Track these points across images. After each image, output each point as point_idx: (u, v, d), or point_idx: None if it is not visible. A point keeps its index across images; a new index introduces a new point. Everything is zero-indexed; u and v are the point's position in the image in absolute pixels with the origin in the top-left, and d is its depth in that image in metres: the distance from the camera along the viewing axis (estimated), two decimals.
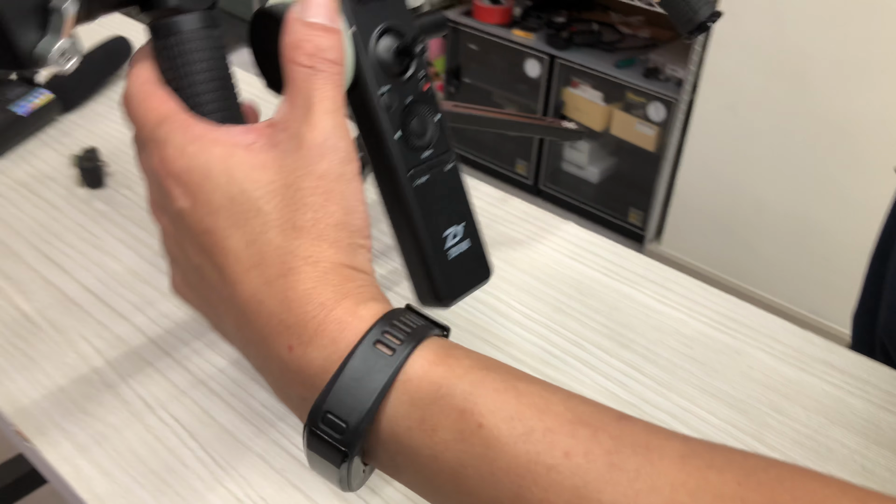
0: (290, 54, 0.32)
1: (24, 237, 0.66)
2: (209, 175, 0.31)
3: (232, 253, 0.30)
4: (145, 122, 0.32)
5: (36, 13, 0.31)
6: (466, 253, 0.40)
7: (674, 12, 0.60)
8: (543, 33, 2.33)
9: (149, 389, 0.53)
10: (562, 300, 0.62)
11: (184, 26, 0.33)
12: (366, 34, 0.35)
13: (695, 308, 0.62)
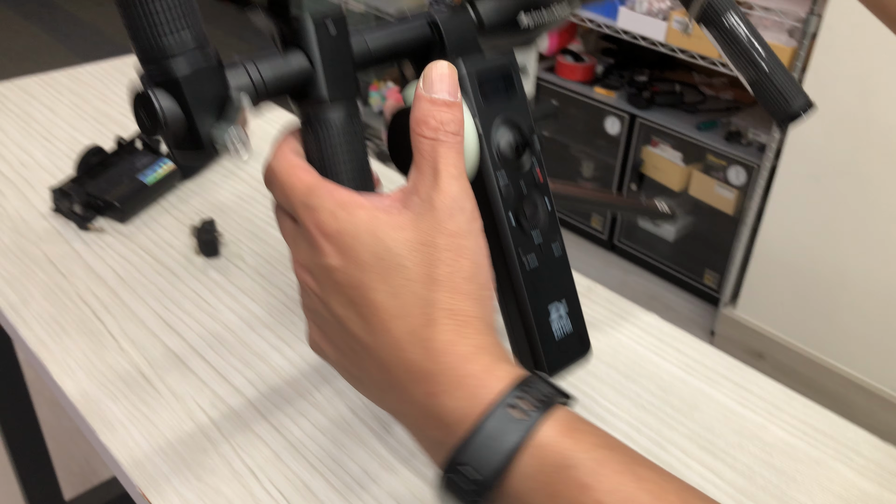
0: (416, 128, 0.37)
1: (146, 302, 0.72)
2: (358, 236, 0.35)
3: (378, 305, 0.34)
4: (294, 191, 0.37)
5: (215, 102, 0.36)
6: (567, 329, 0.44)
7: (765, 101, 0.62)
8: (625, 92, 2.36)
9: (252, 456, 0.57)
10: (644, 396, 0.64)
11: (331, 116, 0.39)
12: (488, 128, 0.39)
13: (775, 413, 0.63)
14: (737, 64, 0.62)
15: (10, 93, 1.09)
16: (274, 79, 0.38)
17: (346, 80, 0.40)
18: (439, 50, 0.45)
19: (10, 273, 0.75)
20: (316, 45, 0.39)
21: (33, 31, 4.17)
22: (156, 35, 0.34)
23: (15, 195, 0.87)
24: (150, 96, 0.34)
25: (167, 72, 0.34)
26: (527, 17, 0.50)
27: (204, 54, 0.35)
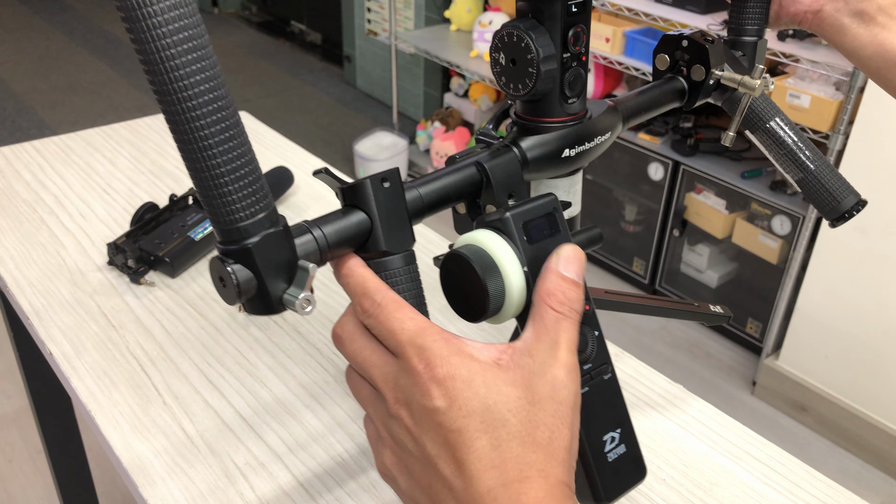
0: (544, 298, 0.40)
1: (190, 357, 0.76)
2: (471, 384, 0.37)
3: (476, 453, 0.36)
4: (403, 329, 0.38)
5: (285, 267, 0.40)
6: (624, 456, 0.45)
7: (815, 201, 0.64)
8: (669, 138, 2.37)
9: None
10: (665, 469, 0.65)
11: (391, 266, 0.43)
12: (536, 271, 0.42)
13: (796, 492, 0.63)
14: (784, 166, 0.64)
15: (75, 144, 1.16)
16: (337, 238, 0.42)
17: (403, 232, 0.44)
18: (487, 190, 0.49)
19: (65, 324, 0.80)
20: (374, 205, 0.42)
21: (99, 66, 4.36)
22: (234, 216, 0.38)
23: (74, 247, 0.92)
24: (230, 273, 0.38)
25: (243, 247, 0.38)
26: (570, 150, 0.53)
27: (273, 224, 0.39)
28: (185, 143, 0.36)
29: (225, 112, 0.36)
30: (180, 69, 0.34)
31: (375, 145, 3.17)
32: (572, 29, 0.51)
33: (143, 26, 0.33)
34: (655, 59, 0.63)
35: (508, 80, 0.52)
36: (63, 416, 1.30)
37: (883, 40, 0.58)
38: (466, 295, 0.42)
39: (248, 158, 0.37)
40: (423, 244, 0.96)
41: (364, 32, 3.64)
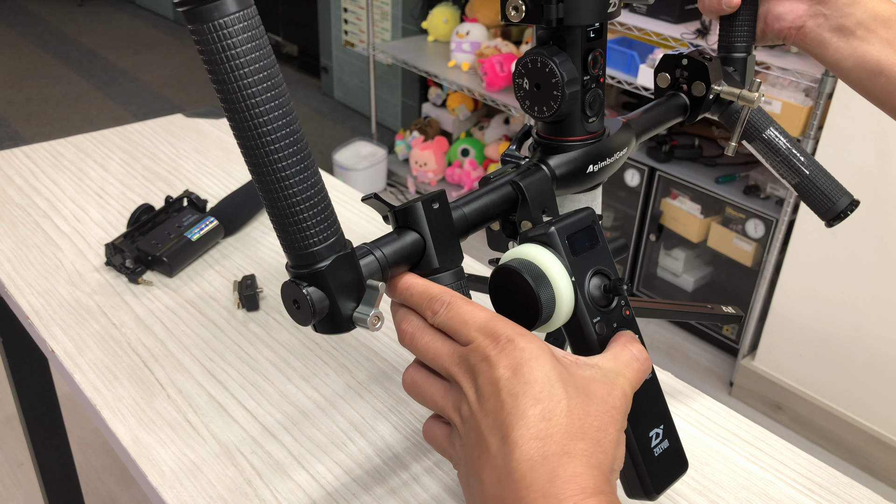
0: (627, 343, 0.44)
1: (192, 353, 0.78)
2: (537, 359, 0.39)
3: (526, 419, 0.37)
4: (475, 318, 0.41)
5: (353, 286, 0.42)
6: (668, 450, 0.48)
7: (811, 202, 0.68)
8: (644, 145, 2.42)
9: (290, 501, 0.62)
10: None
11: (444, 281, 0.46)
12: (581, 280, 0.45)
13: (782, 470, 0.66)
14: (780, 171, 0.67)
15: (65, 150, 1.17)
16: (395, 258, 0.45)
17: (453, 250, 0.47)
18: (523, 206, 0.52)
19: (66, 322, 0.81)
20: (426, 226, 0.45)
21: (73, 78, 4.33)
22: (308, 243, 0.40)
23: (71, 249, 0.93)
24: (305, 295, 0.41)
25: (316, 270, 0.41)
26: (593, 166, 0.56)
27: (343, 247, 0.42)
28: (263, 176, 0.38)
29: (299, 144, 0.38)
30: (259, 106, 0.37)
31: (354, 155, 3.19)
32: (591, 53, 0.54)
33: (226, 68, 0.36)
34: (657, 78, 0.66)
35: (533, 104, 0.55)
36: (52, 423, 1.30)
37: (863, 52, 0.61)
38: (518, 305, 0.45)
39: (319, 187, 0.40)
40: None
41: (341, 43, 3.67)
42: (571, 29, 0.53)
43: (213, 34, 0.35)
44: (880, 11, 0.61)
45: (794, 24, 0.63)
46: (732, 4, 0.62)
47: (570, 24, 0.53)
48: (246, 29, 0.35)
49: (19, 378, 1.19)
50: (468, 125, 3.18)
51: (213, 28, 0.35)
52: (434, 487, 0.64)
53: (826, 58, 0.64)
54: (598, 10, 0.52)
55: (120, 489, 1.89)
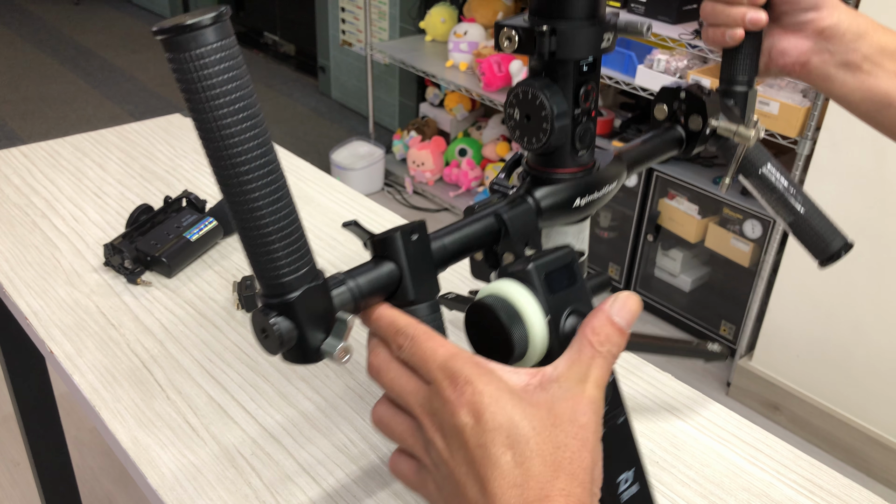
0: (588, 333, 0.42)
1: (191, 353, 0.77)
2: (497, 402, 0.38)
3: (500, 469, 0.37)
4: (435, 356, 0.40)
5: (323, 317, 0.42)
6: (636, 496, 0.47)
7: (805, 242, 0.67)
8: None
9: (290, 502, 0.62)
10: (658, 453, 0.68)
11: (419, 314, 0.46)
12: (557, 318, 0.44)
13: (783, 472, 0.66)
14: (775, 209, 0.67)
15: (63, 150, 1.16)
16: (369, 288, 0.44)
17: (430, 282, 0.47)
18: (505, 239, 0.52)
19: (64, 324, 0.81)
20: (404, 257, 0.45)
21: (70, 77, 4.32)
22: (279, 273, 0.40)
23: (69, 249, 0.93)
24: (273, 325, 0.40)
25: (286, 301, 0.40)
26: (581, 199, 0.56)
27: (314, 278, 0.41)
28: (236, 205, 0.38)
29: (274, 175, 0.38)
30: (234, 137, 0.36)
31: (352, 154, 3.18)
32: (583, 87, 0.54)
33: (202, 98, 0.35)
34: (654, 109, 0.66)
35: (523, 134, 0.55)
36: (49, 423, 1.30)
37: (871, 86, 0.61)
38: (492, 342, 0.44)
39: (292, 218, 0.40)
40: None
41: (338, 43, 3.67)
42: (564, 62, 0.53)
43: (190, 64, 0.35)
44: (886, 44, 0.61)
45: (799, 60, 0.63)
46: (736, 38, 0.62)
47: (563, 58, 0.52)
48: (224, 59, 0.35)
49: (16, 378, 1.19)
50: (466, 125, 3.18)
51: (190, 58, 0.35)
52: None
53: (832, 91, 0.63)
54: (591, 45, 0.52)
55: (117, 489, 1.88)
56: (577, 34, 0.51)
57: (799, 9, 0.61)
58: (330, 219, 1.03)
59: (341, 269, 0.88)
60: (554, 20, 0.51)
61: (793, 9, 0.61)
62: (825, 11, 0.61)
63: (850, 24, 0.61)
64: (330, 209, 1.05)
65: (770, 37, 0.63)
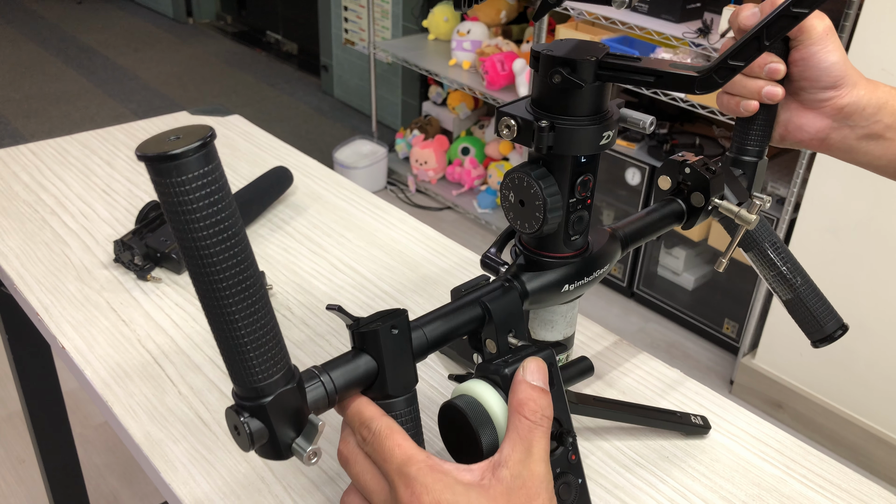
0: (518, 409, 0.43)
1: (202, 349, 0.78)
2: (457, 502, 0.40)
3: None
4: (392, 458, 0.42)
5: (295, 415, 0.43)
6: None
7: (800, 321, 0.68)
8: (645, 144, 2.42)
9: (304, 497, 0.62)
10: (668, 448, 0.68)
11: (395, 408, 0.47)
12: None
13: (793, 466, 0.67)
14: (773, 286, 0.67)
15: (72, 147, 1.17)
16: (345, 383, 0.45)
17: (408, 375, 0.47)
18: (489, 326, 0.52)
19: (76, 319, 0.81)
20: (383, 352, 0.46)
21: (73, 76, 4.33)
22: (253, 378, 0.41)
23: (79, 245, 0.93)
24: (243, 423, 0.42)
25: (259, 404, 0.41)
26: (569, 285, 0.56)
27: (288, 381, 0.42)
28: (213, 316, 0.39)
29: (251, 290, 0.39)
30: (213, 256, 0.37)
31: (355, 153, 3.19)
32: (581, 177, 0.54)
33: (183, 220, 0.36)
34: (659, 179, 0.66)
35: (517, 217, 0.55)
36: (56, 419, 1.30)
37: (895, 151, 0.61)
38: (461, 442, 0.45)
39: (269, 328, 0.41)
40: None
41: (341, 42, 3.67)
42: (562, 157, 0.53)
43: (172, 189, 0.35)
44: None
45: (817, 136, 0.62)
46: (750, 109, 0.61)
47: (560, 154, 0.52)
48: (205, 186, 0.36)
49: (24, 374, 1.19)
50: (468, 124, 3.18)
51: (172, 185, 0.35)
52: None
53: (856, 160, 0.63)
54: (590, 144, 0.52)
55: (122, 486, 1.89)
56: (577, 132, 0.51)
57: (818, 87, 0.60)
58: (338, 216, 1.03)
59: (351, 266, 0.88)
60: (554, 115, 0.51)
61: (812, 86, 0.60)
62: (844, 90, 0.60)
63: (870, 98, 0.60)
64: (338, 206, 1.06)
65: (788, 111, 0.63)
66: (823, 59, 0.59)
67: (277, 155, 1.18)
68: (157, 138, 0.36)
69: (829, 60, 0.59)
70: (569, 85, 0.50)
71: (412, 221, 1.03)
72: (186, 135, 0.36)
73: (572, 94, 0.51)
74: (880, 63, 1.71)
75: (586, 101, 0.51)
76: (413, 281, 0.90)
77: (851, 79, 0.60)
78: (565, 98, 0.51)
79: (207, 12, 5.38)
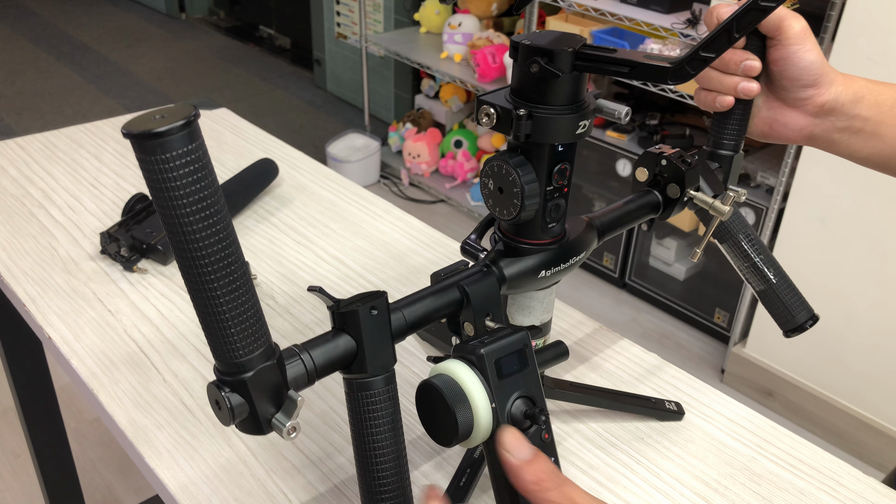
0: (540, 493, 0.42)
1: (186, 338, 0.79)
2: None
3: None
4: None
5: (275, 392, 0.44)
6: None
7: (772, 311, 0.69)
8: (636, 135, 2.43)
9: (285, 480, 0.63)
10: (643, 430, 0.69)
11: (373, 387, 0.48)
12: (503, 403, 0.46)
13: (765, 447, 0.68)
14: (747, 277, 0.68)
15: (59, 141, 1.18)
16: (325, 362, 0.46)
17: (386, 355, 0.48)
18: (467, 309, 0.53)
19: (62, 310, 0.82)
20: (362, 333, 0.47)
21: (66, 72, 4.32)
22: (234, 354, 0.42)
23: (65, 238, 0.94)
24: (224, 398, 0.43)
25: (239, 379, 0.42)
26: (546, 271, 0.57)
27: (268, 357, 0.43)
28: (196, 291, 0.40)
29: (233, 267, 0.40)
30: (196, 233, 0.38)
31: (348, 147, 3.19)
32: (557, 166, 0.55)
33: (167, 196, 0.37)
34: (636, 171, 0.67)
35: (496, 204, 0.56)
36: (49, 414, 1.31)
37: (875, 143, 0.63)
38: (438, 421, 0.47)
39: (250, 304, 0.42)
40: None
41: (333, 36, 3.67)
42: (540, 145, 0.54)
43: (157, 167, 0.36)
44: (884, 101, 0.62)
45: (801, 132, 0.64)
46: (726, 104, 0.63)
47: (538, 142, 0.53)
48: (190, 163, 0.37)
49: (16, 369, 1.20)
50: (461, 116, 3.19)
51: (157, 161, 0.36)
52: (422, 473, 0.65)
53: (839, 152, 0.65)
54: (566, 132, 0.53)
55: (116, 479, 1.90)
56: (554, 121, 0.52)
57: (798, 86, 0.61)
58: (323, 207, 1.04)
59: (336, 256, 0.90)
60: (532, 104, 0.52)
61: (793, 85, 0.62)
62: (823, 88, 0.61)
63: (847, 93, 0.62)
64: (323, 197, 1.07)
65: (771, 109, 0.64)
66: (802, 59, 0.60)
67: (264, 147, 1.19)
68: (143, 117, 0.37)
69: (807, 59, 0.61)
70: (546, 74, 0.51)
71: (397, 212, 1.04)
72: (171, 114, 0.37)
73: (550, 83, 0.52)
74: (865, 53, 1.72)
75: (563, 90, 0.52)
76: (398, 271, 0.91)
77: (829, 76, 0.62)
78: (543, 87, 0.52)
79: (200, 7, 5.38)
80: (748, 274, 0.69)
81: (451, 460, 0.66)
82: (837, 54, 1.76)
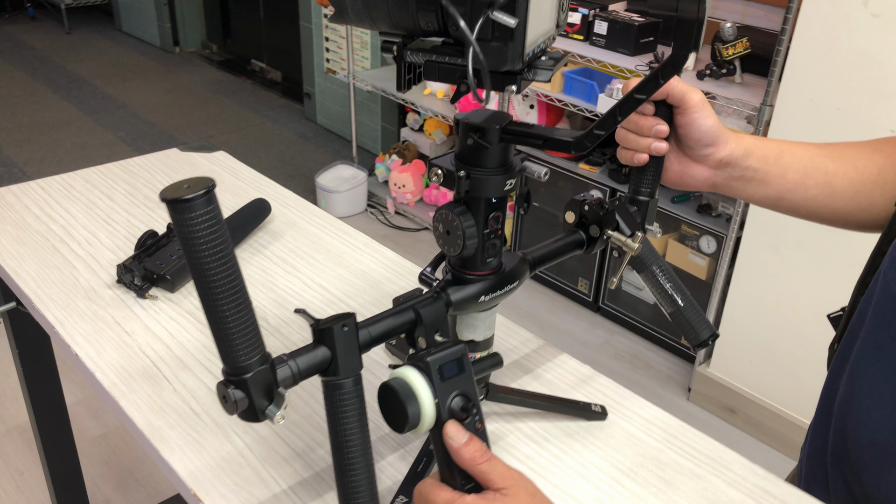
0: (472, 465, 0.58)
1: (193, 355, 0.93)
2: None
3: None
4: None
5: (268, 392, 0.58)
6: None
7: (681, 329, 0.84)
8: (606, 168, 2.60)
9: (277, 471, 0.77)
10: (572, 427, 0.84)
11: (344, 387, 0.61)
12: (445, 399, 0.60)
13: (672, 441, 0.82)
14: (660, 301, 0.82)
15: (75, 182, 1.32)
16: (306, 367, 0.60)
17: (355, 362, 0.62)
18: (420, 327, 0.67)
19: (85, 331, 0.96)
20: (336, 345, 0.61)
21: (64, 105, 4.47)
22: (238, 359, 0.56)
23: (85, 269, 1.08)
24: (230, 394, 0.57)
25: (241, 379, 0.57)
26: (486, 296, 0.72)
27: (264, 362, 0.57)
28: (210, 311, 0.54)
29: (238, 293, 0.54)
30: (212, 269, 0.52)
31: (336, 178, 3.35)
32: (492, 214, 0.70)
33: (192, 244, 0.51)
34: (565, 214, 0.82)
35: (444, 243, 0.71)
36: (61, 430, 1.44)
37: (765, 189, 0.78)
38: (394, 412, 0.60)
39: (250, 322, 0.56)
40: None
41: (323, 71, 3.84)
42: (477, 199, 0.68)
43: (186, 222, 0.50)
44: (767, 154, 0.77)
45: (706, 182, 0.79)
46: (641, 160, 0.76)
47: (476, 196, 0.68)
48: (207, 220, 0.51)
49: (33, 388, 1.33)
50: (444, 148, 3.36)
51: (186, 219, 0.50)
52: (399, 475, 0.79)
53: (737, 196, 0.80)
54: (497, 189, 0.68)
55: (116, 494, 2.02)
56: (488, 181, 0.67)
57: (700, 145, 0.76)
58: (310, 241, 1.19)
59: (320, 284, 1.05)
60: (470, 167, 0.67)
61: (696, 144, 0.76)
62: (720, 146, 0.76)
63: (739, 149, 0.76)
64: (310, 232, 1.21)
65: (681, 163, 0.78)
66: (702, 124, 0.75)
67: (258, 187, 1.34)
68: (175, 186, 0.51)
69: (706, 125, 0.75)
70: (479, 146, 0.66)
71: (375, 245, 1.19)
72: (195, 184, 0.51)
73: (483, 152, 0.67)
74: (808, 95, 1.89)
75: (494, 157, 0.67)
76: (373, 296, 1.06)
77: (724, 137, 0.77)
78: (478, 155, 0.67)
79: (193, 41, 5.55)
80: (661, 298, 0.83)
81: (412, 452, 0.81)
82: (783, 96, 1.92)
